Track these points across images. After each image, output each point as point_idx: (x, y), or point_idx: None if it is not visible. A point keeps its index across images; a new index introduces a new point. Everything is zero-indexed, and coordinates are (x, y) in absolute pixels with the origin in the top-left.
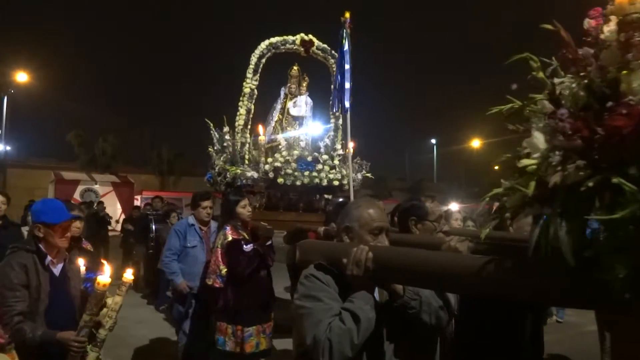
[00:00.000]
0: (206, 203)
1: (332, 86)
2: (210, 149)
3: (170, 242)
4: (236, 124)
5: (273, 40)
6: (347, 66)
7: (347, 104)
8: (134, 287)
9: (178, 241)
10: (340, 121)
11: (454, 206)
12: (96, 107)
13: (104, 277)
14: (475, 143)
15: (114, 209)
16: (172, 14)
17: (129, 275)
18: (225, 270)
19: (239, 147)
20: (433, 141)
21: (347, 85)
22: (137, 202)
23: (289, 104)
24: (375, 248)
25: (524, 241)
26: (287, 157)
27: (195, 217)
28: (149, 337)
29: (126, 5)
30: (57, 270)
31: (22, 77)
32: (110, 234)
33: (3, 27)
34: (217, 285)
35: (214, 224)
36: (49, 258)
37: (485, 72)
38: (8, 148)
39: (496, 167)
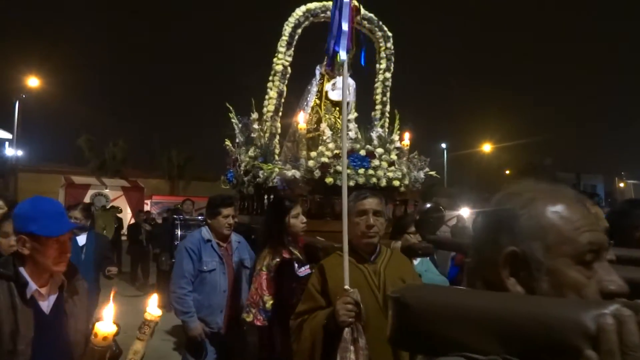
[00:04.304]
0: (228, 211)
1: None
2: (227, 142)
3: (181, 266)
4: (264, 109)
5: (311, 6)
6: None
7: (342, 54)
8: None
9: (191, 264)
10: (388, 108)
11: (464, 211)
12: (107, 112)
13: (105, 324)
14: (486, 147)
15: (124, 214)
16: (184, 17)
17: (154, 310)
18: (272, 302)
19: (267, 139)
20: (443, 145)
21: (345, 26)
22: (147, 207)
23: (327, 87)
24: None
25: None
26: (336, 151)
27: (211, 230)
28: (160, 348)
29: (139, 11)
30: (47, 305)
31: (33, 82)
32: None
33: (15, 32)
34: (259, 324)
35: (234, 237)
36: (32, 287)
37: (497, 75)
38: (20, 153)
39: (507, 172)
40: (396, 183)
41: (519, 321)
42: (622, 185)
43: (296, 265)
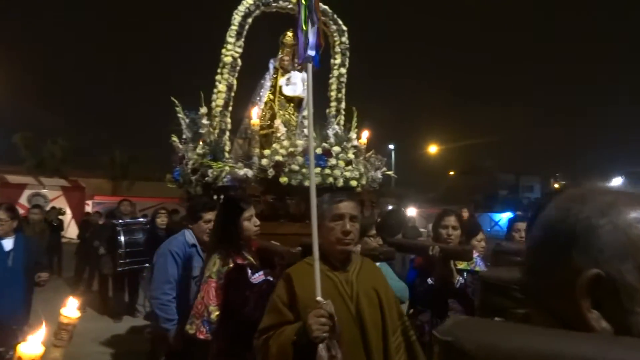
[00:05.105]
0: (210, 215)
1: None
2: (174, 138)
3: (166, 270)
4: (213, 104)
5: None
6: None
7: (310, 52)
8: (102, 308)
9: (176, 268)
10: (343, 105)
11: (411, 210)
12: (45, 109)
13: (30, 346)
14: (432, 149)
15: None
16: (125, 12)
17: (70, 311)
18: (217, 313)
19: (216, 135)
20: (391, 146)
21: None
22: (89, 208)
23: (281, 81)
24: None
25: None
26: (291, 149)
27: (194, 234)
28: (107, 355)
29: (77, 5)
30: None
31: None
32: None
33: None
34: (202, 337)
35: None
36: None
37: (445, 76)
38: None
39: (451, 172)
40: (353, 183)
41: None
42: (557, 186)
43: (250, 271)
